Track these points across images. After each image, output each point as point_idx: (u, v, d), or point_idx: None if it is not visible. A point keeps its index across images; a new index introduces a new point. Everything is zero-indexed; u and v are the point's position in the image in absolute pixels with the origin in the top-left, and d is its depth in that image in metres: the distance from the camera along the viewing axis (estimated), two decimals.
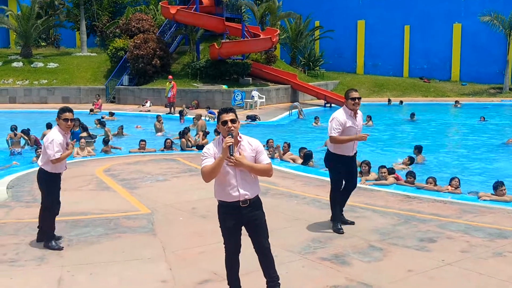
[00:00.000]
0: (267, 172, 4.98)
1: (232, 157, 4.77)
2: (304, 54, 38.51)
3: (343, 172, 7.55)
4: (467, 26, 37.07)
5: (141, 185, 10.59)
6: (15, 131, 15.99)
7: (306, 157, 13.16)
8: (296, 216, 8.19)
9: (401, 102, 30.79)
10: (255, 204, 5.04)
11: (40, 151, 13.65)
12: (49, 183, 6.91)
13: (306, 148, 13.63)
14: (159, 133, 19.57)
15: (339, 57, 40.64)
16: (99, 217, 8.02)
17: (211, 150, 4.94)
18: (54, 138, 6.72)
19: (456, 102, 29.58)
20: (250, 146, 5.01)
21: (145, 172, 11.88)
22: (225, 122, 4.85)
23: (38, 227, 7.13)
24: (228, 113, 4.89)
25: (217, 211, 5.11)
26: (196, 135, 18.00)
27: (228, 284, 5.26)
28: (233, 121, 4.86)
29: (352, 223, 7.76)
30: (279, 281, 5.23)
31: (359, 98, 7.37)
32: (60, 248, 6.80)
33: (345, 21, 40.46)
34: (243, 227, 5.10)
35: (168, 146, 15.51)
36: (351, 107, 7.37)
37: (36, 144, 15.58)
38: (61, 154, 6.71)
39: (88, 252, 6.76)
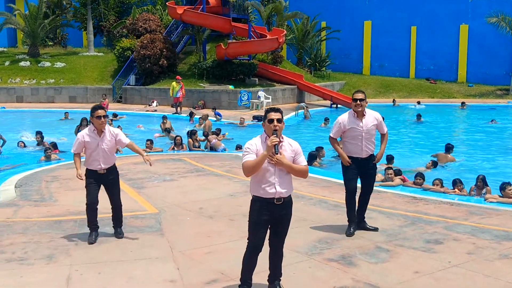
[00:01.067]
0: (304, 173, 5.16)
1: (275, 155, 4.93)
2: (311, 54, 38.51)
3: (355, 174, 7.42)
4: (474, 27, 36.99)
5: (148, 185, 10.65)
6: None
7: (311, 158, 13.19)
8: (303, 217, 8.21)
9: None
10: (288, 203, 5.19)
11: (49, 152, 13.96)
12: (86, 177, 7.28)
13: (323, 148, 13.63)
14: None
15: (345, 57, 40.62)
16: (107, 216, 8.04)
17: (254, 147, 5.07)
18: (77, 136, 7.36)
19: (463, 103, 29.48)
20: (290, 147, 5.19)
21: (152, 171, 11.90)
22: (271, 121, 5.01)
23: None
24: (276, 112, 5.07)
25: (250, 206, 5.21)
26: (203, 135, 18.04)
27: (241, 280, 5.32)
28: (279, 120, 5.02)
29: (376, 229, 7.52)
30: (280, 277, 5.42)
31: (361, 100, 7.28)
32: (91, 242, 7.07)
33: (351, 21, 40.45)
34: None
35: (178, 143, 15.62)
36: (354, 108, 7.39)
37: (44, 145, 15.77)
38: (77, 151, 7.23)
39: (96, 251, 6.82)
